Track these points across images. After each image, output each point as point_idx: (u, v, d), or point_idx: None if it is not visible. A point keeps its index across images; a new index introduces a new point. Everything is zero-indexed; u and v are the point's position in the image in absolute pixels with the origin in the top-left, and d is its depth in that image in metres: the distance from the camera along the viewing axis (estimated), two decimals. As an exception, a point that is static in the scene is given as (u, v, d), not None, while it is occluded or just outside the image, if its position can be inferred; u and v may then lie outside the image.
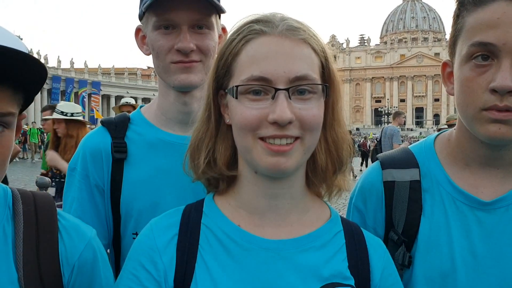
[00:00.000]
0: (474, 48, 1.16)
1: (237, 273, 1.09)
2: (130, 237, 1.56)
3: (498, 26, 1.12)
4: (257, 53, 1.06)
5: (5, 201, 1.14)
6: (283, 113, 1.02)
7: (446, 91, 1.34)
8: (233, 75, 1.10)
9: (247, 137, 1.07)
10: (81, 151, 1.63)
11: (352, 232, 1.20)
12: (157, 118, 1.65)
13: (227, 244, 1.12)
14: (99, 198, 1.59)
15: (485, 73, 1.14)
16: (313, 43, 1.10)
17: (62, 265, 1.14)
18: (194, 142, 1.20)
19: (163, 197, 1.54)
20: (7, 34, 1.03)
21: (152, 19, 1.53)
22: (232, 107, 1.10)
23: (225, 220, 1.16)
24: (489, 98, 1.14)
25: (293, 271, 1.10)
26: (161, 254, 1.12)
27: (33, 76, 1.02)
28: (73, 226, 1.20)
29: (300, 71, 1.05)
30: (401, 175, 1.36)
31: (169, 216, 1.20)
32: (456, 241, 1.27)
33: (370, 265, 1.16)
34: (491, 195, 1.28)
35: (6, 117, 1.01)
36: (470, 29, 1.18)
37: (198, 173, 1.20)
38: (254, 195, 1.16)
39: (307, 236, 1.15)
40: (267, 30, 1.08)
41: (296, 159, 1.08)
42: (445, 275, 1.26)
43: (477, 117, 1.18)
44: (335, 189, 1.23)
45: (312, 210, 1.21)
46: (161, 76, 1.59)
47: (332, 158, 1.18)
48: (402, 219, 1.32)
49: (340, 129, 1.18)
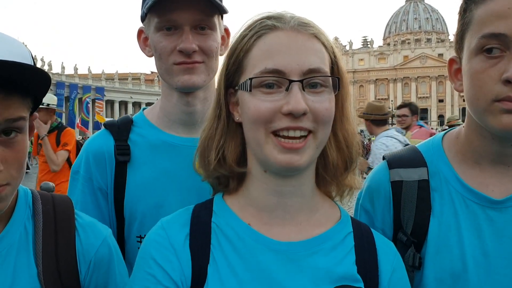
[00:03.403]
0: (484, 40, 1.14)
1: (246, 274, 1.08)
2: (134, 240, 1.55)
3: (509, 16, 1.10)
4: (270, 47, 1.08)
5: (26, 201, 1.21)
6: (298, 104, 1.03)
7: (454, 88, 1.31)
8: (245, 71, 1.11)
9: (260, 131, 1.07)
10: (84, 154, 1.63)
11: (362, 234, 1.18)
12: (160, 120, 1.64)
13: (236, 243, 1.12)
14: (102, 201, 1.59)
15: (497, 64, 1.12)
16: (323, 39, 1.12)
17: (79, 261, 1.20)
18: (204, 140, 1.20)
19: (167, 200, 1.53)
20: (13, 43, 1.07)
21: (154, 21, 1.52)
22: (245, 101, 1.10)
23: (235, 218, 1.16)
24: (501, 89, 1.12)
25: (303, 274, 1.09)
26: (178, 253, 1.11)
27: (39, 84, 1.07)
28: (90, 225, 1.26)
29: (313, 63, 1.06)
30: (409, 174, 1.33)
31: (179, 215, 1.20)
32: (467, 240, 1.24)
33: (379, 267, 1.14)
34: (502, 193, 1.25)
35: (18, 121, 1.06)
36: (479, 22, 1.16)
37: (209, 170, 1.19)
38: (263, 193, 1.15)
39: (316, 238, 1.14)
40: (279, 25, 1.09)
41: (309, 155, 1.08)
42: (456, 276, 1.23)
43: (489, 109, 1.15)
44: (346, 188, 1.22)
45: (322, 210, 1.20)
46: (164, 77, 1.58)
47: (343, 154, 1.18)
48: (410, 219, 1.30)
49: (349, 125, 1.19)
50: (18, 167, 1.09)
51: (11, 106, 1.04)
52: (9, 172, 1.06)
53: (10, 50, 1.04)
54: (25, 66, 1.00)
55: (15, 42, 1.08)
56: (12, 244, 1.14)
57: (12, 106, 1.04)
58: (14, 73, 1.00)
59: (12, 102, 1.04)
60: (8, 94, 1.02)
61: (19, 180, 1.11)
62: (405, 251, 1.28)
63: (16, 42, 1.09)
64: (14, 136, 1.06)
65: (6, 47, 1.04)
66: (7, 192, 1.07)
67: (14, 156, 1.07)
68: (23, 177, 1.12)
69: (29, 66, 1.02)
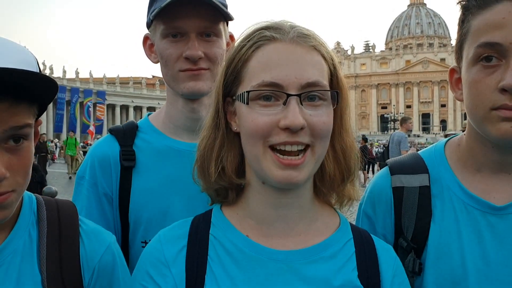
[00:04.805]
0: (481, 49, 1.16)
1: (246, 284, 1.08)
2: (139, 246, 1.56)
3: (504, 26, 1.12)
4: (269, 59, 1.06)
5: (30, 207, 1.21)
6: (295, 119, 1.02)
7: (455, 97, 1.32)
8: (243, 81, 1.10)
9: (257, 145, 1.06)
10: (89, 159, 1.63)
11: (362, 240, 1.18)
12: (165, 125, 1.65)
13: (236, 255, 1.11)
14: (107, 207, 1.59)
15: (494, 73, 1.14)
16: (322, 51, 1.10)
17: (82, 268, 1.19)
18: (203, 151, 1.19)
19: (172, 205, 1.53)
20: (19, 50, 1.08)
21: (160, 27, 1.53)
22: (242, 114, 1.09)
23: (233, 230, 1.15)
24: (498, 97, 1.14)
25: (303, 283, 1.08)
26: (170, 266, 1.11)
27: (46, 91, 1.07)
28: (94, 231, 1.26)
29: (311, 77, 1.05)
30: (410, 180, 1.34)
31: (178, 227, 1.20)
32: (468, 247, 1.24)
33: (380, 273, 1.14)
34: (504, 199, 1.26)
35: (24, 128, 1.06)
36: (476, 31, 1.18)
37: (210, 182, 1.18)
38: (262, 205, 1.15)
39: (316, 246, 1.14)
40: (278, 37, 1.07)
41: (308, 170, 1.07)
42: (457, 282, 1.23)
43: (487, 117, 1.17)
44: (345, 199, 1.22)
45: (321, 219, 1.19)
46: (170, 84, 1.59)
47: (340, 166, 1.18)
48: (411, 225, 1.31)
49: (348, 137, 1.17)
50: (23, 174, 1.09)
51: (18, 114, 1.04)
52: (15, 179, 1.06)
53: (17, 57, 1.04)
54: (33, 74, 1.01)
55: (21, 49, 1.09)
56: (16, 250, 1.14)
57: (19, 114, 1.04)
58: (22, 81, 1.00)
59: (19, 109, 1.04)
60: (15, 102, 1.03)
61: (24, 186, 1.11)
62: (405, 256, 1.29)
63: (22, 49, 1.09)
64: (20, 143, 1.07)
65: (13, 54, 1.04)
66: (12, 199, 1.07)
67: (19, 163, 1.07)
68: (28, 183, 1.12)
69: (37, 74, 1.02)
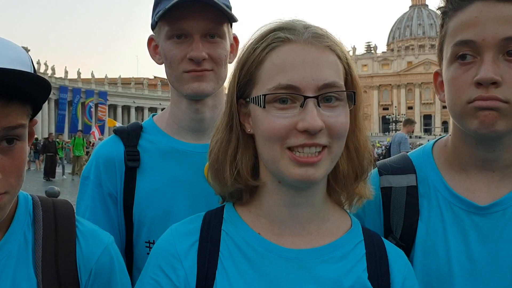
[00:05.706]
0: (456, 47, 1.21)
1: (256, 281, 1.08)
2: (143, 245, 1.57)
3: (477, 24, 1.17)
4: (284, 61, 1.05)
5: (26, 208, 1.18)
6: (314, 121, 1.01)
7: (439, 99, 1.36)
8: (257, 84, 1.09)
9: (275, 148, 1.06)
10: (94, 159, 1.65)
11: (373, 242, 1.18)
12: (170, 126, 1.66)
13: (247, 252, 1.12)
14: (112, 207, 1.60)
15: (470, 70, 1.19)
16: (337, 50, 1.09)
17: (79, 270, 1.16)
18: (217, 154, 1.17)
19: (176, 206, 1.54)
20: (12, 48, 1.05)
21: (164, 29, 1.54)
22: (258, 117, 1.09)
23: (245, 227, 1.15)
24: (474, 91, 1.18)
25: (313, 282, 1.09)
26: (182, 260, 1.12)
27: (38, 91, 1.05)
28: (91, 232, 1.23)
29: (328, 78, 1.04)
30: (398, 181, 1.37)
31: (190, 222, 1.20)
32: (453, 245, 1.27)
33: (391, 276, 1.14)
34: (488, 199, 1.28)
35: (17, 129, 1.04)
36: (452, 32, 1.23)
37: (226, 186, 1.17)
38: (276, 204, 1.15)
39: (327, 246, 1.14)
40: (293, 38, 1.06)
41: (325, 168, 1.07)
42: (442, 279, 1.26)
43: (465, 111, 1.20)
44: (356, 197, 1.22)
45: (332, 219, 1.20)
46: (174, 85, 1.60)
47: (354, 165, 1.18)
48: (399, 224, 1.33)
49: (362, 136, 1.18)
50: (17, 175, 1.06)
51: (10, 114, 1.01)
52: (8, 181, 1.04)
53: (10, 56, 1.02)
54: (24, 74, 0.98)
55: (14, 48, 1.06)
56: (11, 253, 1.11)
57: (11, 114, 1.02)
58: (13, 81, 0.97)
59: (11, 110, 1.01)
60: (8, 102, 1.00)
61: (18, 188, 1.09)
62: None
63: (16, 48, 1.07)
64: (13, 144, 1.04)
65: (6, 53, 1.02)
66: (5, 200, 1.04)
67: (13, 164, 1.04)
68: (21, 184, 1.10)
69: (28, 73, 0.99)
